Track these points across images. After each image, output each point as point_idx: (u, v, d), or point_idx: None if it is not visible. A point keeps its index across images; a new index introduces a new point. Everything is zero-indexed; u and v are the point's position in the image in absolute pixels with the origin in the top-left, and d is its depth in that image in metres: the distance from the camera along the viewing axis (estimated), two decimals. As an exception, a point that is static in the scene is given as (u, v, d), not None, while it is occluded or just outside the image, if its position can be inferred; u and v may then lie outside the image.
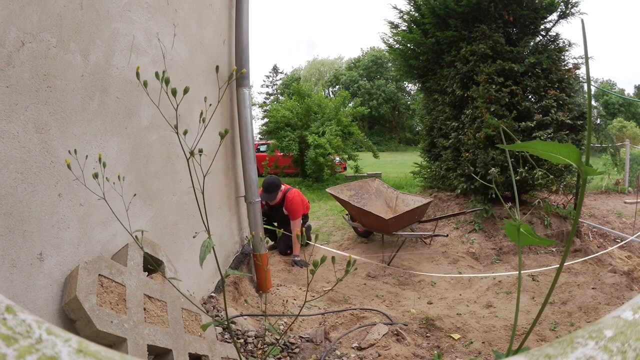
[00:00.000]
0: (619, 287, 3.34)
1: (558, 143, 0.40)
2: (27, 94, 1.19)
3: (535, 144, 0.42)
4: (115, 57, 1.63)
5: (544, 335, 2.69)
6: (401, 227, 4.62)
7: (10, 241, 1.13)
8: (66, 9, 1.34)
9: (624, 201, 7.22)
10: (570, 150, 0.40)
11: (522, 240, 0.53)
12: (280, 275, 3.98)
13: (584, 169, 0.40)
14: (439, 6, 5.88)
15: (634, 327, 0.27)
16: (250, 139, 3.19)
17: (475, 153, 5.53)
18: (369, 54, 41.40)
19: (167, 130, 2.07)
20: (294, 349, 2.30)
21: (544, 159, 1.07)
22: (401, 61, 6.94)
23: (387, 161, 20.51)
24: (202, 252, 0.92)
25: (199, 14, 2.53)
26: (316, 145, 10.07)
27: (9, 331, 0.23)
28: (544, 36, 5.75)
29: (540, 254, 4.64)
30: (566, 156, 0.41)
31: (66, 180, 1.34)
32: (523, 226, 0.53)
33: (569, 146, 0.39)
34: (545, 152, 0.42)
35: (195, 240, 2.32)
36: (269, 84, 46.29)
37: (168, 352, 1.53)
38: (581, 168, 0.40)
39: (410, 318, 2.94)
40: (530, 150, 0.43)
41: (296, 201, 4.43)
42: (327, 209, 7.82)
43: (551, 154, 0.42)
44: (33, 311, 1.16)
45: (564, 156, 0.41)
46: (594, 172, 0.40)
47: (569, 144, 0.40)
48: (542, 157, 0.43)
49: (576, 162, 0.40)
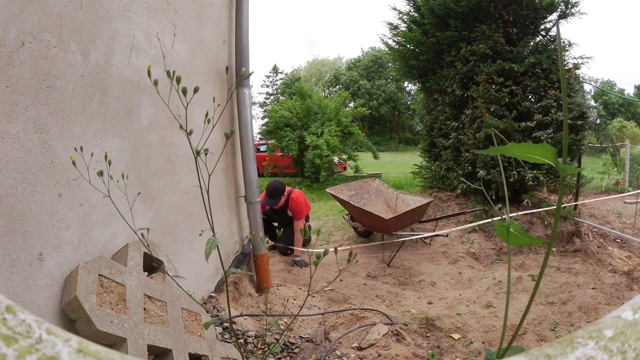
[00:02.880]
0: (619, 287, 3.34)
1: (533, 143, 0.40)
2: (27, 94, 1.19)
3: (511, 147, 0.41)
4: (115, 57, 1.63)
5: (544, 335, 2.69)
6: (401, 227, 4.62)
7: (10, 241, 1.13)
8: (66, 9, 1.34)
9: (624, 201, 7.22)
10: (546, 150, 0.40)
11: (511, 240, 0.54)
12: (280, 275, 3.98)
13: (561, 167, 0.39)
14: (439, 6, 5.88)
15: (634, 327, 0.27)
16: (250, 139, 3.19)
17: (475, 153, 5.53)
18: (369, 54, 41.40)
19: (167, 131, 2.07)
20: (294, 349, 2.30)
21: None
22: (401, 61, 6.93)
23: (387, 161, 20.50)
24: (207, 247, 0.93)
25: (199, 14, 2.53)
26: (314, 146, 10.07)
27: (9, 331, 0.23)
28: (544, 36, 5.75)
29: (541, 254, 4.64)
30: (542, 156, 0.40)
31: (66, 180, 1.34)
32: (512, 226, 0.53)
33: (545, 146, 0.39)
34: (522, 154, 0.42)
35: (195, 241, 2.32)
36: (269, 84, 46.30)
37: (168, 352, 1.53)
38: (558, 166, 0.40)
39: (410, 318, 2.94)
40: (507, 153, 0.43)
41: (300, 202, 4.44)
42: (327, 209, 7.82)
43: (528, 154, 0.41)
44: (33, 311, 1.16)
45: (540, 156, 0.41)
46: (572, 169, 0.40)
47: (544, 143, 0.40)
48: (520, 159, 0.43)
49: (553, 161, 0.40)
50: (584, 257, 4.36)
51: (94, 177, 1.21)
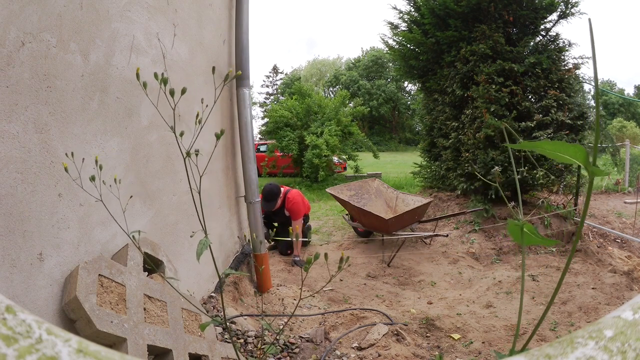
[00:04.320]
0: (619, 287, 3.34)
1: (565, 142, 0.40)
2: (27, 94, 1.19)
3: (543, 143, 0.42)
4: (115, 57, 1.63)
5: (544, 335, 2.69)
6: (401, 227, 4.62)
7: (10, 241, 1.13)
8: (66, 9, 1.34)
9: (624, 201, 7.22)
10: (577, 150, 0.40)
11: (525, 240, 0.53)
12: (280, 275, 3.98)
13: (591, 169, 0.39)
14: (439, 6, 5.88)
15: (634, 327, 0.27)
16: (250, 139, 3.19)
17: (475, 153, 5.53)
18: (369, 54, 41.39)
19: (167, 130, 2.07)
20: (294, 349, 2.30)
21: (545, 158, 1.05)
22: (401, 61, 6.93)
23: (387, 161, 20.50)
24: (199, 247, 0.93)
25: (199, 14, 2.53)
26: (313, 145, 10.07)
27: (9, 331, 0.23)
28: (544, 36, 5.75)
29: (541, 254, 4.64)
30: (573, 156, 0.40)
31: (66, 180, 1.34)
32: (526, 226, 0.53)
33: (577, 146, 0.39)
34: (552, 152, 0.42)
35: (195, 240, 2.32)
36: (269, 84, 46.29)
37: (168, 352, 1.53)
38: (588, 168, 0.40)
39: (410, 318, 2.94)
40: (538, 150, 0.43)
41: (297, 201, 4.44)
42: (327, 209, 7.82)
43: (558, 153, 0.42)
44: (33, 311, 1.16)
45: (571, 156, 0.41)
46: (601, 172, 0.40)
47: (576, 144, 0.40)
48: (548, 157, 0.43)
49: (583, 163, 0.40)
50: (584, 257, 4.36)
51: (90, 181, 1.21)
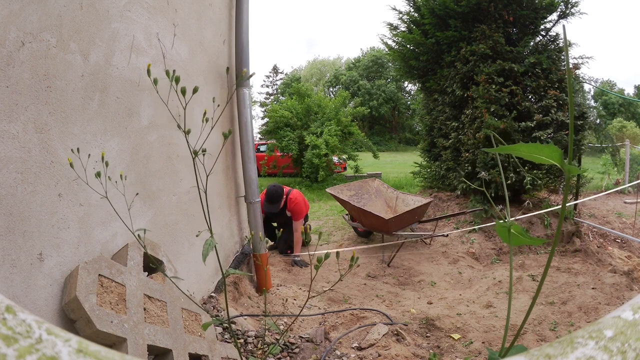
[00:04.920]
0: (619, 287, 3.34)
1: (540, 144, 0.40)
2: (27, 94, 1.19)
3: (519, 146, 0.42)
4: (115, 57, 1.63)
5: (544, 335, 2.69)
6: (401, 227, 4.62)
7: (10, 241, 1.13)
8: (66, 9, 1.34)
9: (624, 201, 7.22)
10: (552, 151, 0.40)
11: (512, 241, 0.54)
12: (280, 275, 3.98)
13: (566, 167, 0.39)
14: (439, 6, 5.88)
15: (634, 327, 0.27)
16: (250, 139, 3.19)
17: (475, 153, 5.53)
18: (369, 54, 41.39)
19: (167, 130, 2.07)
20: (294, 349, 2.30)
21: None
22: (401, 62, 6.93)
23: (387, 161, 20.51)
24: (204, 248, 0.93)
25: (199, 14, 2.53)
26: (313, 145, 10.07)
27: (9, 331, 0.23)
28: (544, 36, 5.76)
29: (541, 254, 4.64)
30: (549, 156, 0.41)
31: (66, 181, 1.34)
32: (514, 227, 0.53)
33: (551, 147, 0.39)
34: (528, 154, 0.42)
35: (195, 240, 2.32)
36: (269, 84, 46.30)
37: (168, 352, 1.53)
38: (564, 167, 0.40)
39: (410, 318, 2.94)
40: (514, 153, 0.43)
41: (299, 202, 4.44)
42: (327, 209, 7.82)
43: (534, 154, 0.42)
44: (33, 311, 1.16)
45: (546, 156, 0.41)
46: (576, 170, 0.40)
47: (551, 144, 0.40)
48: (526, 159, 0.43)
49: (559, 162, 0.40)
50: (584, 257, 4.36)
51: (93, 178, 1.21)
